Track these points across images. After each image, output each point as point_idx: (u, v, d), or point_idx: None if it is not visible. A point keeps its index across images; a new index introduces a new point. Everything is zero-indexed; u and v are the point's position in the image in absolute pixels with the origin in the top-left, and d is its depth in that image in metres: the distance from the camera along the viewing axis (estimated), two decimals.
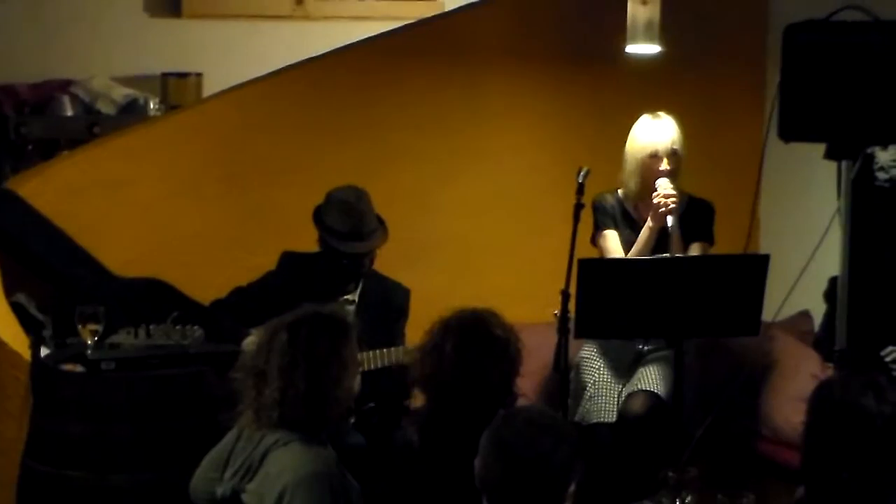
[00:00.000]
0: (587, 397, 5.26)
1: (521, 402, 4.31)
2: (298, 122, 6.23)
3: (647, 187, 5.20)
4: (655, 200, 5.13)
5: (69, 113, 7.20)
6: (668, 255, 5.08)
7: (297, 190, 5.83)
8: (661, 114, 5.32)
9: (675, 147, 5.23)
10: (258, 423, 3.71)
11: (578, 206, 4.87)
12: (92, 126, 7.05)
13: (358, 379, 3.85)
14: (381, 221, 5.40)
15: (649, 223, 5.18)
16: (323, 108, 6.26)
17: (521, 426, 3.01)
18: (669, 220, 5.08)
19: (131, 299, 5.45)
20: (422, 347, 4.06)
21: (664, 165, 5.20)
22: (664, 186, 5.14)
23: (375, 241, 5.33)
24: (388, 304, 5.40)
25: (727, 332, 4.92)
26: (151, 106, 7.37)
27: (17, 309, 5.44)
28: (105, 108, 7.29)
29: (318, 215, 5.31)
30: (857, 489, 2.93)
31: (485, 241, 6.46)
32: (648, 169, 5.22)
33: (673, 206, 5.09)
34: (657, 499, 3.68)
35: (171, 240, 5.95)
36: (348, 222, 5.25)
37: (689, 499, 3.67)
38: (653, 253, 5.17)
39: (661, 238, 5.20)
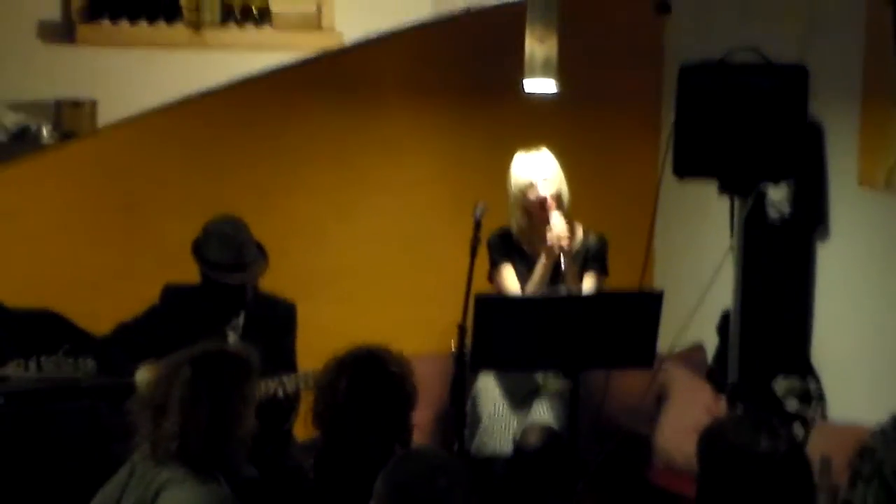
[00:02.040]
0: (482, 429, 5.28)
1: (416, 433, 4.29)
2: (194, 153, 6.20)
3: (532, 221, 5.25)
4: (549, 242, 5.15)
5: None
6: (563, 287, 5.11)
7: (191, 220, 5.75)
8: (535, 148, 5.35)
9: (550, 179, 5.25)
10: (154, 457, 3.66)
11: (475, 241, 4.88)
12: None
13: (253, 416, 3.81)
14: (261, 249, 5.35)
15: (543, 259, 5.21)
16: (219, 140, 6.24)
17: (417, 467, 3.00)
18: (563, 259, 5.11)
19: (22, 331, 5.37)
20: (317, 384, 4.04)
21: (541, 192, 5.22)
22: (556, 225, 5.16)
23: (256, 270, 5.30)
24: (275, 321, 5.37)
25: (622, 364, 4.95)
26: (44, 133, 7.24)
27: None
28: None
29: (198, 248, 5.25)
30: None
31: (382, 273, 6.46)
32: (528, 202, 5.26)
33: (565, 244, 5.12)
34: None
35: (64, 271, 5.89)
36: (228, 254, 5.19)
37: None
38: (548, 284, 5.19)
39: (556, 269, 5.23)
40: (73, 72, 7.45)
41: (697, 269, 5.50)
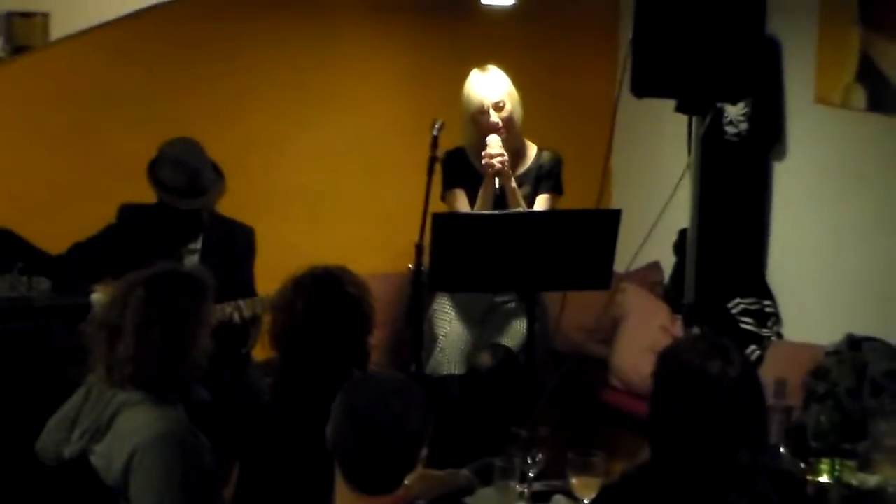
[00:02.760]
0: (438, 349, 5.28)
1: (373, 353, 4.29)
2: (149, 67, 6.13)
3: (482, 142, 5.17)
4: (483, 161, 5.12)
5: None
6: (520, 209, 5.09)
7: (147, 137, 5.69)
8: (490, 67, 5.25)
9: (502, 100, 5.18)
10: (110, 380, 3.64)
11: (433, 160, 4.83)
12: None
13: (209, 337, 3.79)
14: (218, 172, 5.29)
15: (485, 182, 5.16)
16: (174, 55, 6.17)
17: (373, 391, 3.00)
18: (497, 181, 5.08)
19: None
20: (274, 304, 4.03)
21: (492, 118, 5.17)
22: (492, 146, 5.11)
23: (212, 195, 5.24)
24: (233, 246, 5.32)
25: (579, 286, 4.92)
26: None
27: None
28: None
29: (153, 172, 5.18)
30: (703, 450, 2.97)
31: (338, 191, 6.45)
32: (478, 124, 5.20)
33: (499, 166, 5.07)
34: (507, 455, 3.69)
35: (17, 188, 5.83)
36: (183, 178, 5.14)
37: (539, 457, 3.69)
38: (493, 206, 5.15)
39: (503, 192, 5.18)
40: None
41: (655, 188, 5.48)
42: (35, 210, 5.75)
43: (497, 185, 5.08)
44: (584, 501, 3.55)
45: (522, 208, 5.14)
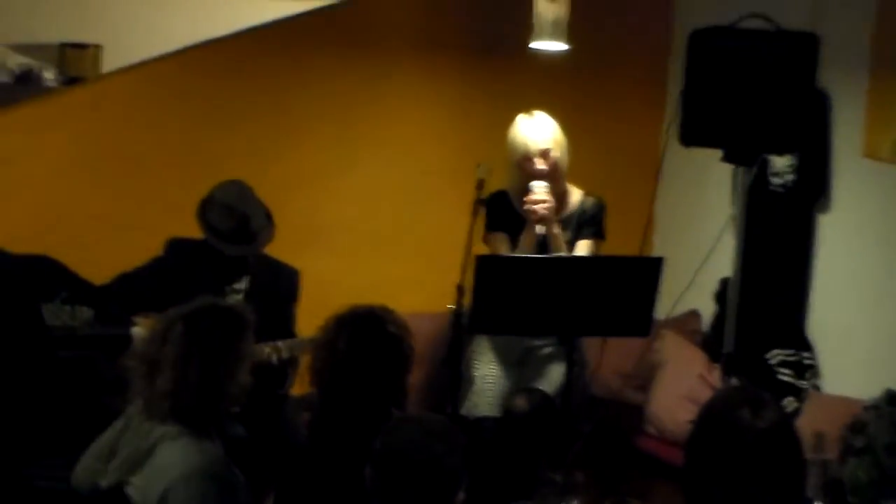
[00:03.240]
0: (474, 391, 5.26)
1: (410, 393, 4.29)
2: (198, 102, 6.17)
3: (526, 187, 5.16)
4: (526, 207, 5.13)
5: None
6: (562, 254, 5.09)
7: (194, 171, 5.78)
8: (538, 113, 5.23)
9: (547, 147, 5.17)
10: (148, 413, 3.66)
11: (478, 202, 4.85)
12: None
13: (248, 373, 3.79)
14: (268, 217, 5.28)
15: (528, 227, 5.15)
16: (223, 90, 6.21)
17: (413, 433, 3.01)
18: (538, 228, 5.08)
19: (20, 276, 5.35)
20: (315, 342, 4.04)
21: (538, 165, 5.16)
22: (537, 192, 5.10)
23: (260, 242, 5.23)
24: (278, 289, 5.32)
25: (618, 332, 4.92)
26: (48, 76, 7.20)
27: None
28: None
29: (203, 215, 5.17)
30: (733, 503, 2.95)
31: (382, 228, 6.46)
32: (524, 169, 5.19)
33: (544, 212, 5.07)
34: (542, 500, 3.68)
35: (64, 218, 5.87)
36: (232, 224, 5.13)
37: (574, 503, 3.68)
38: (536, 252, 5.14)
39: (545, 238, 5.18)
40: (78, 15, 7.40)
41: (698, 237, 5.49)
42: (79, 240, 5.78)
43: (540, 231, 5.08)
44: None
45: (564, 254, 5.13)
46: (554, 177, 5.16)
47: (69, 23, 7.30)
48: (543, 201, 5.07)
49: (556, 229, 5.13)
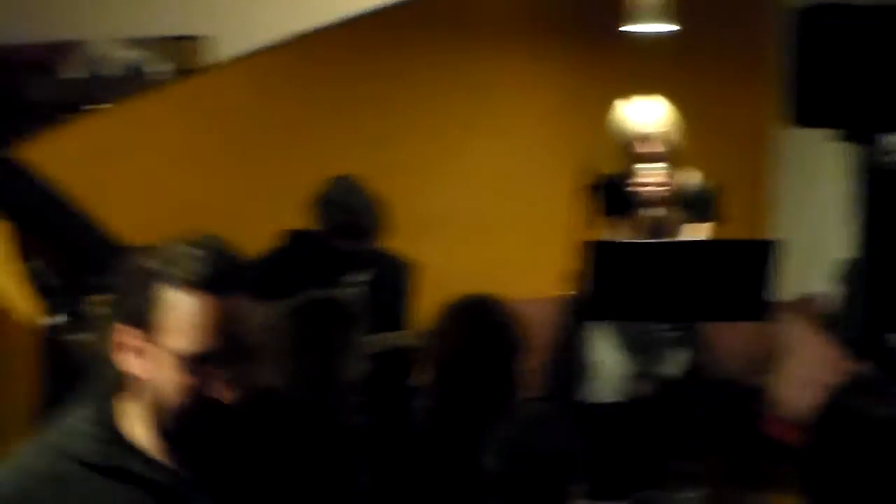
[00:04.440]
0: (592, 377, 5.22)
1: (523, 379, 4.24)
2: (307, 92, 6.21)
3: (636, 171, 5.11)
4: (638, 190, 5.06)
5: (74, 75, 7.12)
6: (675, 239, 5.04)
7: (302, 161, 5.81)
8: (649, 96, 5.20)
9: (661, 130, 5.13)
10: None
11: (584, 187, 4.81)
12: (97, 89, 6.97)
13: (361, 364, 3.79)
14: (378, 211, 5.27)
15: (641, 210, 5.10)
16: (332, 79, 6.24)
17: (530, 423, 3.00)
18: (649, 210, 5.03)
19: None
20: (427, 333, 4.04)
21: (650, 148, 5.10)
22: (649, 175, 5.05)
23: (372, 237, 5.25)
24: (392, 281, 5.35)
25: (734, 317, 4.85)
26: (158, 69, 7.28)
27: (32, 275, 5.39)
28: (110, 70, 7.20)
29: (316, 210, 5.22)
30: (854, 494, 2.88)
31: (491, 215, 6.45)
32: (633, 153, 5.14)
33: (660, 195, 5.02)
34: (668, 491, 3.63)
35: (178, 208, 5.92)
36: (345, 220, 5.17)
37: (697, 493, 3.63)
38: (648, 236, 5.10)
39: (658, 222, 5.13)
40: (188, 7, 7.47)
41: (817, 218, 5.39)
42: (194, 230, 5.81)
43: (648, 214, 5.03)
44: None
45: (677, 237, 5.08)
46: (668, 160, 5.11)
47: (178, 15, 7.39)
48: (656, 184, 5.02)
49: (673, 213, 5.07)
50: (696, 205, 5.23)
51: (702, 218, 5.22)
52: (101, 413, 2.23)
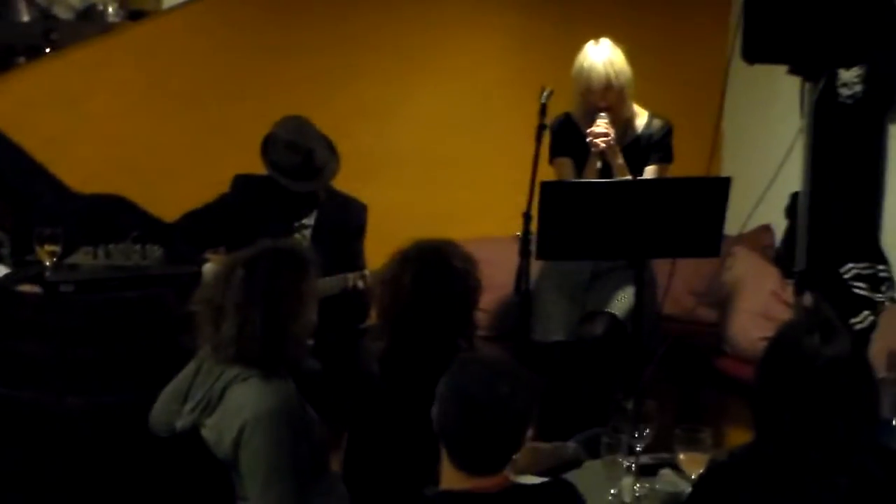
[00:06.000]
0: (545, 316, 5.26)
1: (481, 317, 4.25)
2: (259, 37, 6.17)
3: (590, 116, 5.15)
4: (587, 140, 5.09)
5: (25, 18, 7.04)
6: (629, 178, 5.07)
7: (257, 105, 5.78)
8: (603, 41, 5.19)
9: (611, 82, 5.12)
10: (216, 358, 3.70)
11: (541, 128, 4.81)
12: (48, 32, 6.88)
13: (315, 311, 3.80)
14: (332, 150, 5.30)
15: (590, 158, 5.14)
16: (282, 21, 6.20)
17: (479, 372, 3.00)
18: (593, 158, 5.08)
19: (90, 217, 5.41)
20: (381, 278, 4.05)
21: (600, 102, 5.13)
22: (598, 125, 5.09)
23: (325, 175, 5.25)
24: (346, 224, 5.34)
25: (687, 253, 4.89)
26: (110, 11, 7.21)
27: None
28: (62, 13, 7.11)
29: (266, 153, 5.19)
30: (799, 430, 2.93)
31: (446, 156, 6.44)
32: (587, 100, 5.17)
33: (603, 146, 5.06)
34: (614, 429, 3.67)
35: (131, 154, 5.91)
36: (296, 160, 5.15)
37: (646, 431, 3.67)
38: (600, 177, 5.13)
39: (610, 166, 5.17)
40: None
41: (767, 153, 5.41)
42: (148, 177, 5.82)
43: (595, 161, 5.06)
44: (691, 477, 3.53)
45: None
46: (616, 107, 5.13)
47: None
48: (605, 134, 5.06)
49: (619, 160, 5.11)
50: (650, 145, 5.26)
51: (657, 158, 5.25)
52: None
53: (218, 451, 3.65)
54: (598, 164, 5.10)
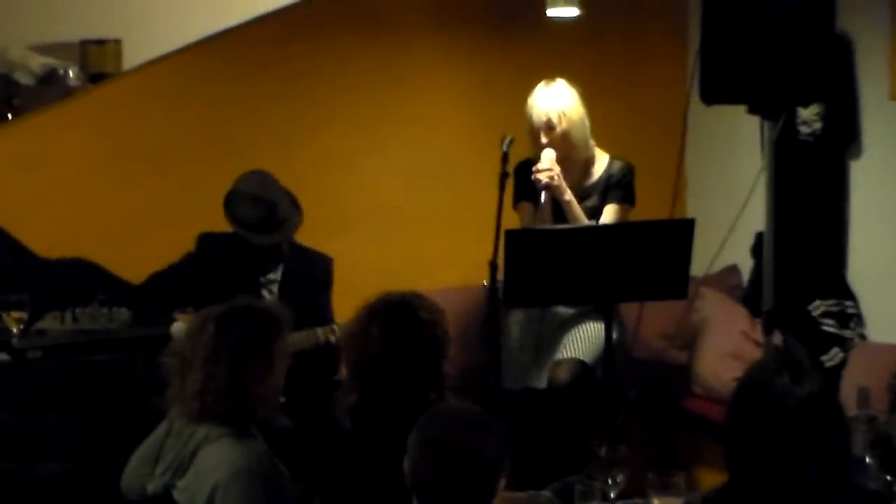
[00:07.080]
0: (514, 364, 5.24)
1: (449, 367, 4.26)
2: (220, 93, 6.16)
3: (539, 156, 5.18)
4: (532, 177, 5.10)
5: None
6: (594, 223, 5.08)
7: (222, 163, 5.77)
8: (555, 81, 5.21)
9: (554, 118, 5.11)
10: (184, 415, 3.68)
11: (503, 176, 4.82)
12: (10, 98, 6.87)
13: (283, 373, 3.79)
14: (294, 204, 5.31)
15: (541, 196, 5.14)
16: (244, 77, 6.20)
17: (448, 424, 3.00)
18: (543, 195, 5.06)
19: (56, 281, 5.39)
20: (348, 331, 4.04)
21: (542, 139, 5.13)
22: (542, 160, 5.09)
23: (289, 228, 5.26)
24: (312, 276, 5.35)
25: (655, 296, 4.90)
26: (71, 75, 7.20)
27: None
28: (23, 78, 7.08)
29: (228, 207, 5.19)
30: (772, 470, 2.93)
31: (411, 206, 6.45)
32: (536, 139, 5.18)
33: (546, 181, 5.05)
34: (587, 476, 3.66)
35: (95, 218, 5.88)
36: (259, 214, 5.16)
37: (620, 478, 3.67)
38: (560, 222, 5.13)
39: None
40: (96, 11, 7.39)
41: (730, 192, 5.45)
42: (112, 239, 5.79)
43: (547, 199, 5.07)
44: None
45: (582, 220, 5.11)
46: (564, 146, 5.13)
47: (88, 19, 7.29)
48: (548, 170, 5.06)
49: (567, 195, 5.10)
50: (610, 186, 5.27)
51: (615, 199, 5.26)
52: None
53: None
54: (543, 198, 5.09)
